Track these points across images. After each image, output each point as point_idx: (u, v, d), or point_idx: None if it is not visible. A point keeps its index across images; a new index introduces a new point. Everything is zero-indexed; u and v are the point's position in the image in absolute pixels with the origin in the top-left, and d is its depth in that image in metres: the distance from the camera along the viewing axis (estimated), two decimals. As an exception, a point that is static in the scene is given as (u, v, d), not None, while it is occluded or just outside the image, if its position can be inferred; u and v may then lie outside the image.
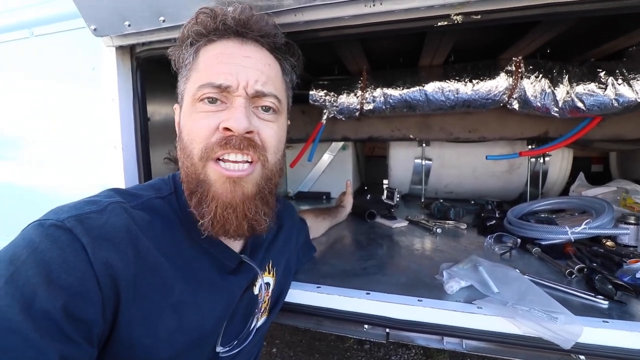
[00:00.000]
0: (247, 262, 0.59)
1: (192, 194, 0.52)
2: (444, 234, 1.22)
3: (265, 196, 0.55)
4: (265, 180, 0.54)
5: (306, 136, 1.56)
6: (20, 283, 0.34)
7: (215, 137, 0.50)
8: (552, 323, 0.60)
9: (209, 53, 0.54)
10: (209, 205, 0.50)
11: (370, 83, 1.33)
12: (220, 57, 0.53)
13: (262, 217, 0.54)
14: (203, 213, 0.50)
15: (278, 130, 0.56)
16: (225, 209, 0.50)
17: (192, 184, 0.52)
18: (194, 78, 0.53)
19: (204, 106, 0.51)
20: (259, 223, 0.53)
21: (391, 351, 1.67)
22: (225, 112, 0.51)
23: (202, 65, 0.54)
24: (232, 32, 0.54)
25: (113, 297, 0.39)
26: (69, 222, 0.39)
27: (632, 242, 0.99)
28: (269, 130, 0.54)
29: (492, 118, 1.45)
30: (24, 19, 1.06)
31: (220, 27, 0.54)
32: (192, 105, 0.52)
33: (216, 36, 0.54)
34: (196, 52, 0.55)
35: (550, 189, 1.63)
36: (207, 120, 0.51)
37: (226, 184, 0.50)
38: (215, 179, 0.51)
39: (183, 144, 0.53)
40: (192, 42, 0.55)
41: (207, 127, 0.51)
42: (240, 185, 0.51)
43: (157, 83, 1.03)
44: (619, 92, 1.07)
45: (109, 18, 0.79)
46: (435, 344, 0.67)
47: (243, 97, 0.51)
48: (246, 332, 0.60)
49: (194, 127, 0.52)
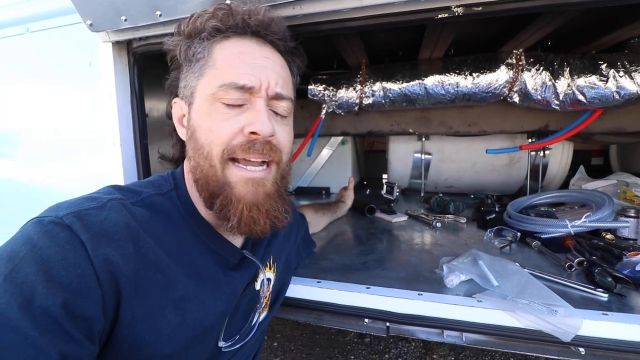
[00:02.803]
0: (249, 257, 0.59)
1: (213, 197, 0.51)
2: (443, 228, 1.22)
3: (282, 194, 0.57)
4: (281, 178, 0.57)
5: (305, 131, 1.56)
6: (19, 280, 0.34)
7: (237, 140, 0.51)
8: (551, 316, 0.60)
9: (227, 51, 0.53)
10: (235, 207, 0.51)
11: (369, 77, 1.32)
12: (241, 57, 0.52)
13: (282, 214, 0.55)
14: (229, 216, 0.51)
15: (290, 133, 0.59)
16: (251, 209, 0.51)
17: (212, 186, 0.51)
18: (212, 75, 0.52)
19: (225, 108, 0.51)
20: (280, 220, 0.55)
21: (391, 344, 1.68)
22: (247, 114, 0.51)
23: (220, 62, 0.52)
24: (250, 32, 0.54)
25: (113, 293, 0.39)
26: (68, 219, 0.39)
27: (632, 235, 0.99)
28: (284, 134, 0.56)
29: (492, 111, 1.44)
30: (20, 15, 1.05)
31: (240, 24, 0.53)
32: (212, 104, 0.51)
33: (233, 33, 0.54)
34: (210, 47, 0.53)
35: (551, 182, 1.63)
36: (229, 123, 0.51)
37: (249, 185, 0.52)
38: (236, 181, 0.51)
39: (199, 144, 0.52)
40: (207, 37, 0.54)
41: (230, 130, 0.51)
42: (262, 184, 0.53)
43: (154, 79, 1.02)
44: (620, 84, 1.06)
45: (105, 13, 0.78)
46: (436, 337, 0.67)
47: (264, 98, 0.52)
48: (248, 327, 0.61)
49: (214, 128, 0.51)
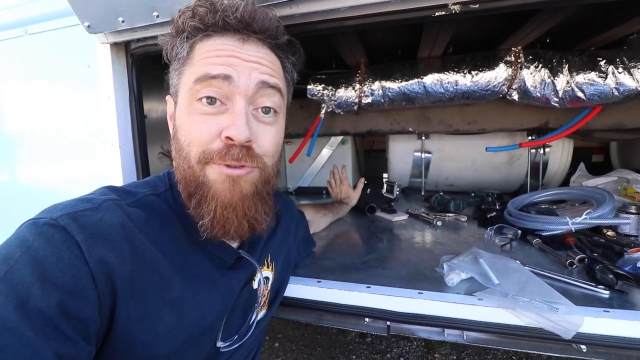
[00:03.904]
0: (245, 257, 0.59)
1: (191, 196, 0.50)
2: (444, 227, 1.22)
3: (264, 197, 0.54)
4: (263, 183, 0.54)
5: (305, 131, 1.55)
6: (14, 282, 0.34)
7: (215, 145, 0.49)
8: (553, 313, 0.60)
9: (205, 48, 0.51)
10: (209, 205, 0.49)
11: (368, 76, 1.32)
12: (218, 52, 0.50)
13: (262, 216, 0.53)
14: (202, 214, 0.49)
15: (276, 134, 0.56)
16: (225, 208, 0.49)
17: (191, 186, 0.50)
18: (189, 72, 0.51)
19: (202, 107, 0.49)
20: (259, 222, 0.53)
21: (393, 344, 1.68)
22: (226, 115, 0.50)
23: (197, 58, 0.51)
24: (232, 29, 0.52)
25: (109, 294, 0.39)
26: (63, 220, 0.39)
27: (633, 232, 0.98)
28: (267, 135, 0.53)
29: (492, 109, 1.44)
30: (18, 17, 1.05)
31: (220, 23, 0.51)
32: (190, 104, 0.50)
33: (214, 32, 0.52)
34: (191, 47, 0.52)
35: (551, 179, 1.62)
36: (207, 125, 0.49)
37: (225, 182, 0.50)
38: (215, 178, 0.50)
39: (179, 145, 0.51)
40: (188, 36, 0.52)
41: (208, 133, 0.49)
42: (239, 184, 0.50)
43: (153, 80, 1.02)
44: (619, 80, 1.06)
45: (103, 14, 0.78)
46: (437, 336, 0.67)
47: (244, 95, 0.50)
48: (246, 326, 0.61)
49: (192, 130, 0.50)
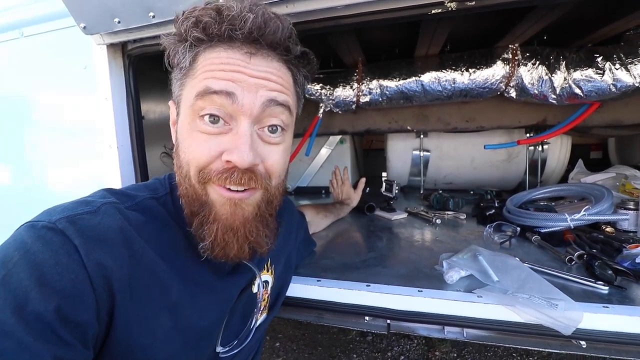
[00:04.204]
0: (244, 263, 0.58)
1: (194, 215, 0.49)
2: (443, 225, 1.22)
3: (266, 218, 0.53)
4: (266, 203, 0.52)
5: (303, 131, 1.55)
6: (12, 286, 0.34)
7: (215, 165, 0.47)
8: (552, 310, 0.60)
9: (209, 60, 0.47)
10: (210, 227, 0.48)
11: (366, 75, 1.32)
12: (222, 65, 0.46)
13: (263, 238, 0.52)
14: (204, 235, 0.48)
15: (284, 154, 0.53)
16: (226, 232, 0.48)
17: (195, 205, 0.49)
18: (191, 85, 0.48)
19: (204, 126, 0.46)
20: (260, 245, 0.51)
21: (393, 342, 1.68)
22: (228, 136, 0.47)
23: (200, 71, 0.47)
24: (239, 41, 0.47)
25: (107, 298, 0.39)
26: (61, 224, 0.38)
27: (631, 228, 0.99)
28: (274, 156, 0.51)
29: (490, 107, 1.44)
30: (14, 19, 1.04)
31: (226, 35, 0.46)
32: (192, 120, 0.48)
33: (220, 42, 0.48)
34: (194, 57, 0.48)
35: (549, 176, 1.63)
36: (208, 145, 0.47)
37: (226, 205, 0.48)
38: (216, 199, 0.48)
39: (179, 162, 0.50)
40: (191, 46, 0.48)
41: (208, 154, 0.46)
42: (240, 207, 0.48)
43: (150, 81, 1.02)
44: (616, 77, 1.06)
45: (98, 15, 0.78)
46: (437, 333, 0.67)
47: (248, 115, 0.46)
48: (246, 331, 0.60)
49: (192, 149, 0.48)
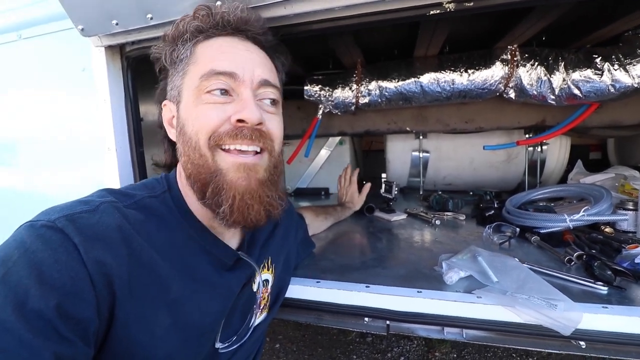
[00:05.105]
0: (244, 258, 0.59)
1: (206, 184, 0.50)
2: (442, 226, 1.22)
3: (276, 182, 0.57)
4: (273, 167, 0.56)
5: (302, 132, 1.55)
6: (12, 284, 0.35)
7: (224, 128, 0.51)
8: (551, 310, 0.60)
9: (208, 47, 0.55)
10: (227, 194, 0.50)
11: (365, 76, 1.32)
12: (221, 49, 0.54)
13: (276, 201, 0.55)
14: (221, 201, 0.50)
15: (280, 123, 0.59)
16: (243, 195, 0.50)
17: (204, 174, 0.51)
18: (194, 71, 0.53)
19: (211, 97, 0.51)
20: (274, 207, 0.54)
21: (393, 343, 1.68)
22: (234, 104, 0.52)
23: (201, 57, 0.54)
24: (231, 29, 0.56)
25: (108, 295, 0.39)
26: (60, 222, 0.39)
27: (630, 228, 0.99)
28: (274, 122, 0.56)
29: (489, 108, 1.44)
30: (12, 21, 1.04)
31: (220, 23, 0.55)
32: (197, 97, 0.52)
33: (215, 32, 0.55)
34: (194, 47, 0.55)
35: (549, 177, 1.63)
36: (216, 112, 0.51)
37: (240, 171, 0.51)
38: (228, 167, 0.51)
39: (187, 137, 0.52)
40: (190, 38, 0.55)
41: (217, 118, 0.51)
42: (255, 170, 0.52)
43: (148, 83, 1.01)
44: (615, 77, 1.06)
45: (96, 17, 0.78)
46: (436, 334, 0.67)
47: (250, 88, 0.53)
48: (245, 328, 0.61)
49: (201, 117, 0.51)
